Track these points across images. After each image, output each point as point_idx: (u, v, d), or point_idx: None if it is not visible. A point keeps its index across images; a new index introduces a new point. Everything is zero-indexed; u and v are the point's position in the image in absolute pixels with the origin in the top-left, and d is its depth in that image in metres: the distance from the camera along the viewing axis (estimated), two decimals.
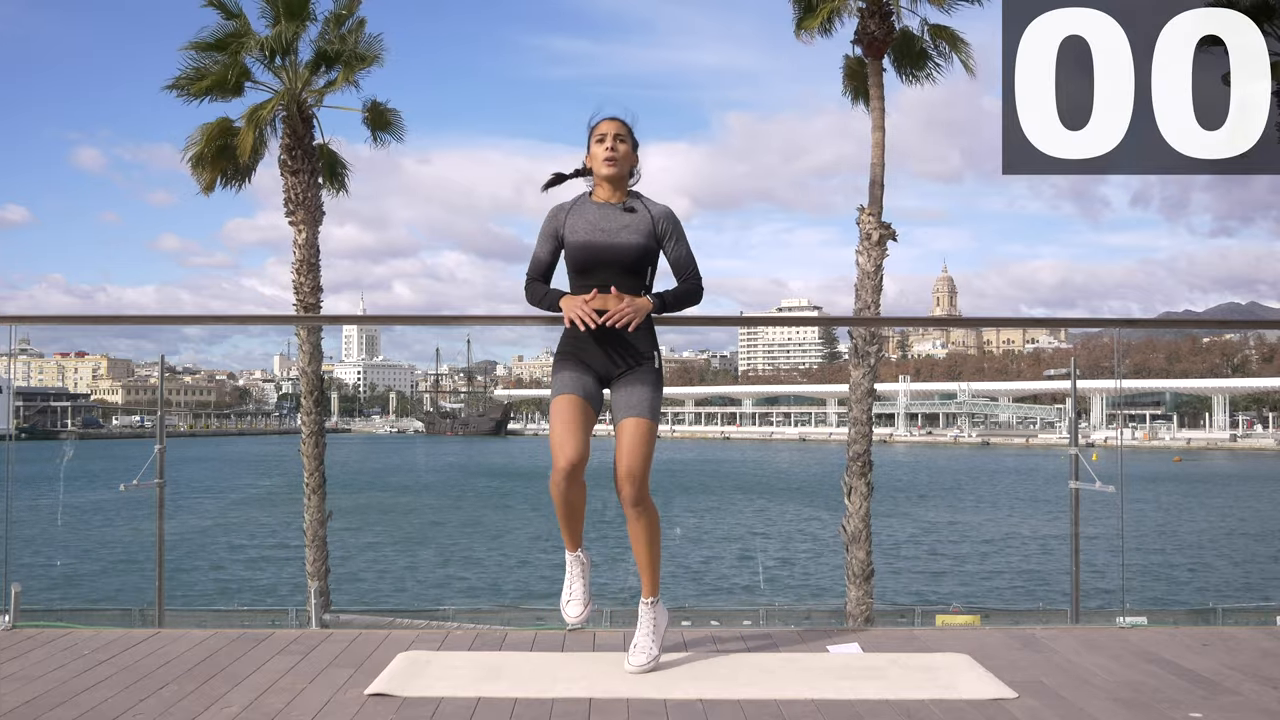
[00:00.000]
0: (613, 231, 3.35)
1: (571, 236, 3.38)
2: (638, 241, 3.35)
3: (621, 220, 3.38)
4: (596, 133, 3.45)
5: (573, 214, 3.42)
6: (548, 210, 3.49)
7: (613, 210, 3.40)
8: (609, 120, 3.47)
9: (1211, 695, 3.06)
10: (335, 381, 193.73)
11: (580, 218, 3.40)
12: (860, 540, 13.89)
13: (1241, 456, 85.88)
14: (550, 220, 3.46)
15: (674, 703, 2.96)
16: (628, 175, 3.49)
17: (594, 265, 3.33)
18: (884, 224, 14.58)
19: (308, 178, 15.80)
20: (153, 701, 2.98)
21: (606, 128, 3.44)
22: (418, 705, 2.95)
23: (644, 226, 3.38)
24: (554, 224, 3.44)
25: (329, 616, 14.29)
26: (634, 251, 3.34)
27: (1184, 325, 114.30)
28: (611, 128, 3.44)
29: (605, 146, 3.42)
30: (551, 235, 3.44)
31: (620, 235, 3.35)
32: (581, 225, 3.37)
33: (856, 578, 13.87)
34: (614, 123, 3.46)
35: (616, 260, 3.33)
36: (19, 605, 4.12)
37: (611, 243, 3.34)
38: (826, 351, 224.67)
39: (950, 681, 3.18)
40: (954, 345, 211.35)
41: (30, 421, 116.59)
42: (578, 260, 3.36)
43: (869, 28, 14.70)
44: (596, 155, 3.43)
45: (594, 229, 3.35)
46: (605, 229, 3.35)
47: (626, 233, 3.35)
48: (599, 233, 3.35)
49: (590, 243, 3.34)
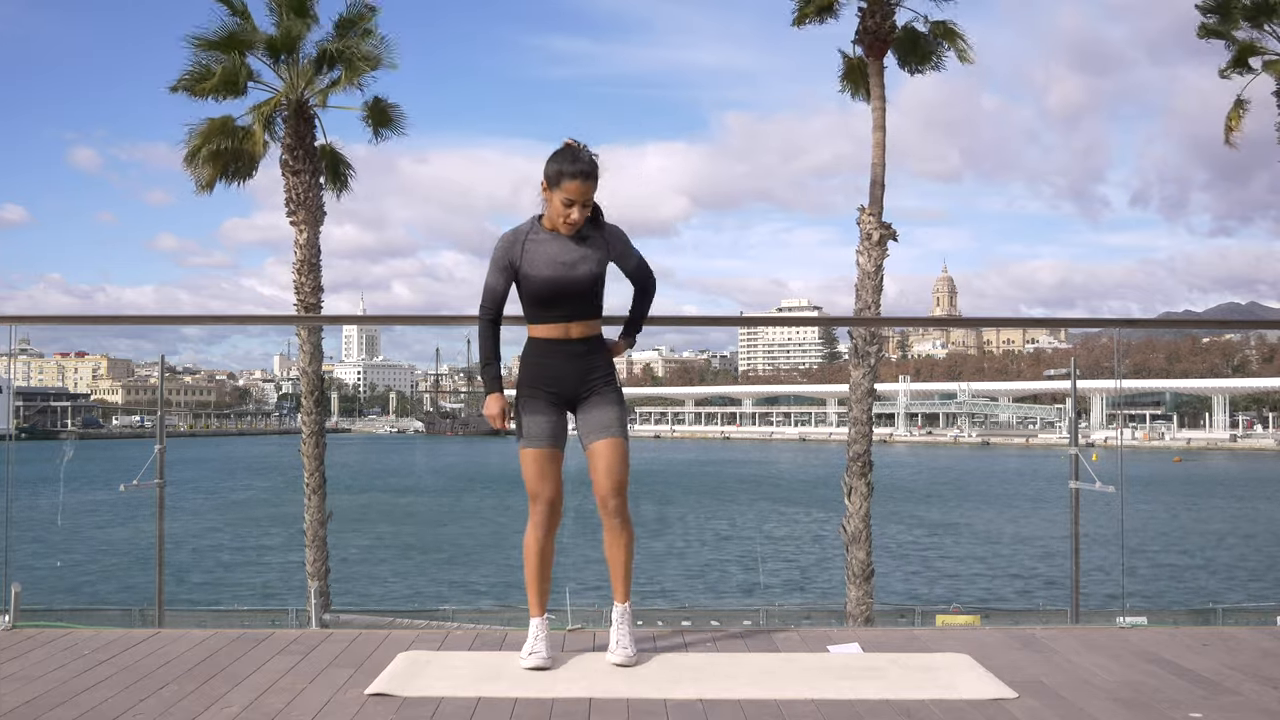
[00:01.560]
0: (572, 264, 3.38)
1: (531, 270, 3.38)
2: (596, 271, 3.42)
3: (579, 251, 3.40)
4: (564, 190, 3.31)
5: (530, 246, 3.40)
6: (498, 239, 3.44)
7: (569, 242, 3.40)
8: (580, 183, 3.31)
9: (1211, 695, 3.06)
10: (335, 381, 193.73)
11: (539, 251, 3.39)
12: (860, 540, 13.89)
13: (1242, 456, 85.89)
14: (505, 251, 3.42)
15: (674, 703, 2.96)
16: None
17: (556, 299, 3.39)
18: (884, 224, 14.57)
19: (309, 178, 15.80)
20: (153, 701, 2.98)
21: (575, 193, 3.31)
22: (418, 705, 2.95)
23: (599, 253, 3.43)
24: (509, 255, 3.41)
25: (329, 616, 14.29)
26: (591, 281, 3.41)
27: (1184, 325, 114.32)
28: (580, 194, 3.32)
29: (570, 215, 3.34)
30: (506, 266, 3.42)
31: (580, 267, 3.38)
32: (541, 260, 3.37)
33: (856, 578, 13.86)
34: (585, 187, 3.32)
35: (578, 292, 3.40)
36: (19, 605, 4.12)
37: (573, 275, 3.38)
38: (826, 351, 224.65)
39: (950, 681, 3.18)
40: (954, 345, 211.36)
41: (30, 421, 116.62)
42: (539, 294, 3.39)
43: (869, 26, 14.70)
44: (557, 210, 3.35)
45: (554, 263, 3.37)
46: (565, 262, 3.37)
47: (585, 263, 3.39)
48: (560, 266, 3.37)
49: (553, 278, 3.37)
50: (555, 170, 3.32)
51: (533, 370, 3.46)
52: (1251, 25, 16.68)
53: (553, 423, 3.45)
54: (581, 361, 3.45)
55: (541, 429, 3.43)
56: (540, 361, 3.45)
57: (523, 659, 3.37)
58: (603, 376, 3.48)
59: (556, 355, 3.44)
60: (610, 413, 3.46)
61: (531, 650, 3.37)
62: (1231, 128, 17.30)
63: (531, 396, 3.45)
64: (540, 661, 3.34)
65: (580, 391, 3.46)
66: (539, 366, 3.45)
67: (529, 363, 3.48)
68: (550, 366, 3.44)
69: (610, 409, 3.47)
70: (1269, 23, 16.59)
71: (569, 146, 3.36)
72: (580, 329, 3.44)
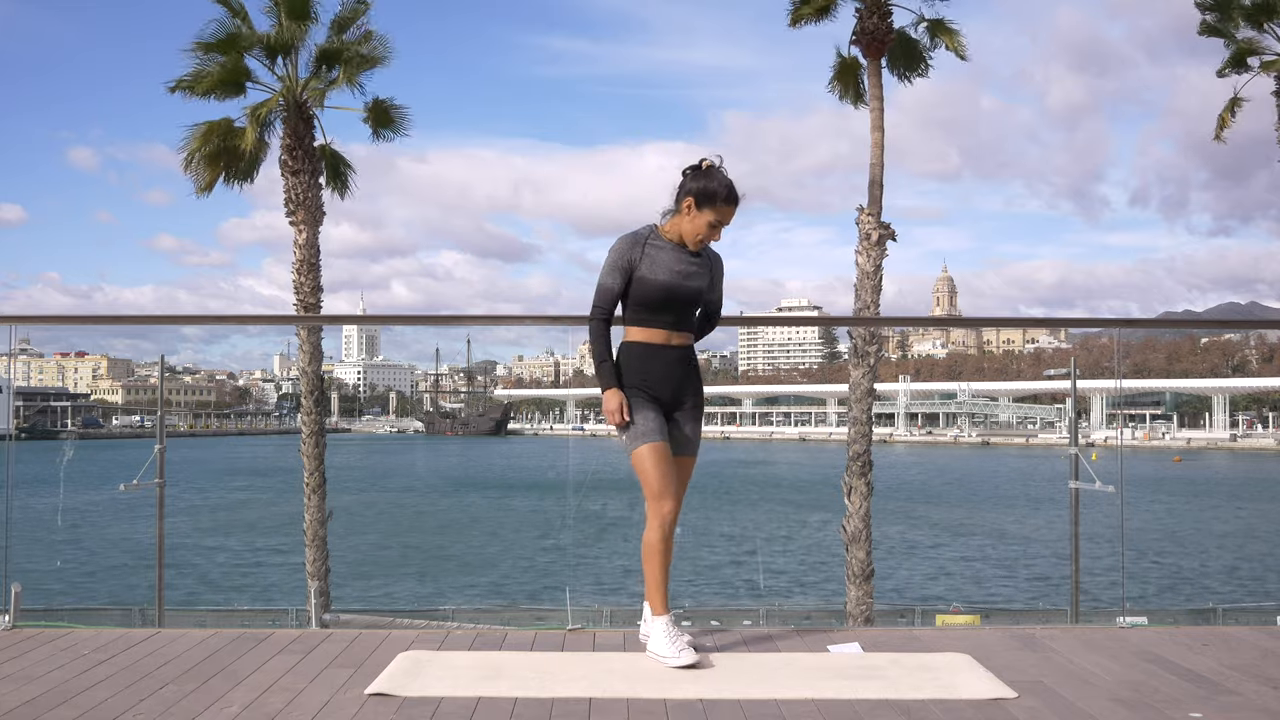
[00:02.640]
0: (686, 275, 3.51)
1: (651, 275, 3.48)
2: (702, 286, 3.55)
3: (694, 265, 3.53)
4: (716, 212, 3.46)
5: (649, 251, 3.50)
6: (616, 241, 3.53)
7: (685, 253, 3.52)
8: (732, 209, 3.49)
9: (1211, 695, 3.06)
10: (335, 381, 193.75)
11: (658, 257, 3.50)
12: (860, 540, 13.89)
13: (1241, 456, 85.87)
14: (624, 253, 3.50)
15: (674, 703, 2.96)
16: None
17: (668, 305, 3.50)
18: (883, 224, 14.57)
19: (308, 178, 15.79)
20: (153, 701, 2.98)
21: (726, 216, 3.48)
22: (418, 705, 2.95)
23: (706, 271, 3.57)
24: (628, 257, 3.49)
25: (329, 616, 14.28)
26: (699, 295, 3.56)
27: (1184, 325, 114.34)
28: (729, 219, 3.50)
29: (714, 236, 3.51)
30: (624, 268, 3.49)
31: (692, 279, 3.52)
32: (661, 267, 3.49)
33: (856, 578, 13.86)
34: (733, 212, 3.50)
35: (687, 301, 3.53)
36: (19, 605, 4.12)
37: (686, 286, 3.51)
38: (826, 351, 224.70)
39: (950, 681, 3.18)
40: (954, 345, 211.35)
41: (30, 421, 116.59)
42: (653, 299, 3.49)
43: (867, 27, 14.69)
44: (700, 228, 3.48)
45: (672, 272, 3.49)
46: (681, 272, 3.50)
47: (696, 277, 3.53)
48: (678, 276, 3.50)
49: (670, 285, 3.48)
50: (710, 192, 3.45)
51: (637, 372, 3.53)
52: (1251, 25, 16.67)
53: (662, 422, 3.51)
54: (678, 369, 3.55)
55: (654, 424, 3.48)
56: (641, 364, 3.52)
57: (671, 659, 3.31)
58: (694, 390, 3.61)
59: (656, 360, 3.52)
60: (697, 431, 3.61)
61: (680, 649, 3.33)
62: (1224, 125, 17.29)
63: (638, 396, 3.51)
64: (693, 658, 3.31)
65: (677, 400, 3.56)
66: (641, 369, 3.52)
67: (630, 365, 3.53)
68: (651, 370, 3.52)
69: (696, 427, 3.61)
70: (1269, 22, 16.59)
71: (714, 168, 3.48)
72: (680, 338, 3.56)
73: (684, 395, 3.56)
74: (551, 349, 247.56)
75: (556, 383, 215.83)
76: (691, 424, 3.59)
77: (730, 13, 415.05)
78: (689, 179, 3.48)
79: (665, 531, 3.43)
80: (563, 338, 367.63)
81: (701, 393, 3.63)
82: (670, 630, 3.40)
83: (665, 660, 3.33)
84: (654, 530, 3.43)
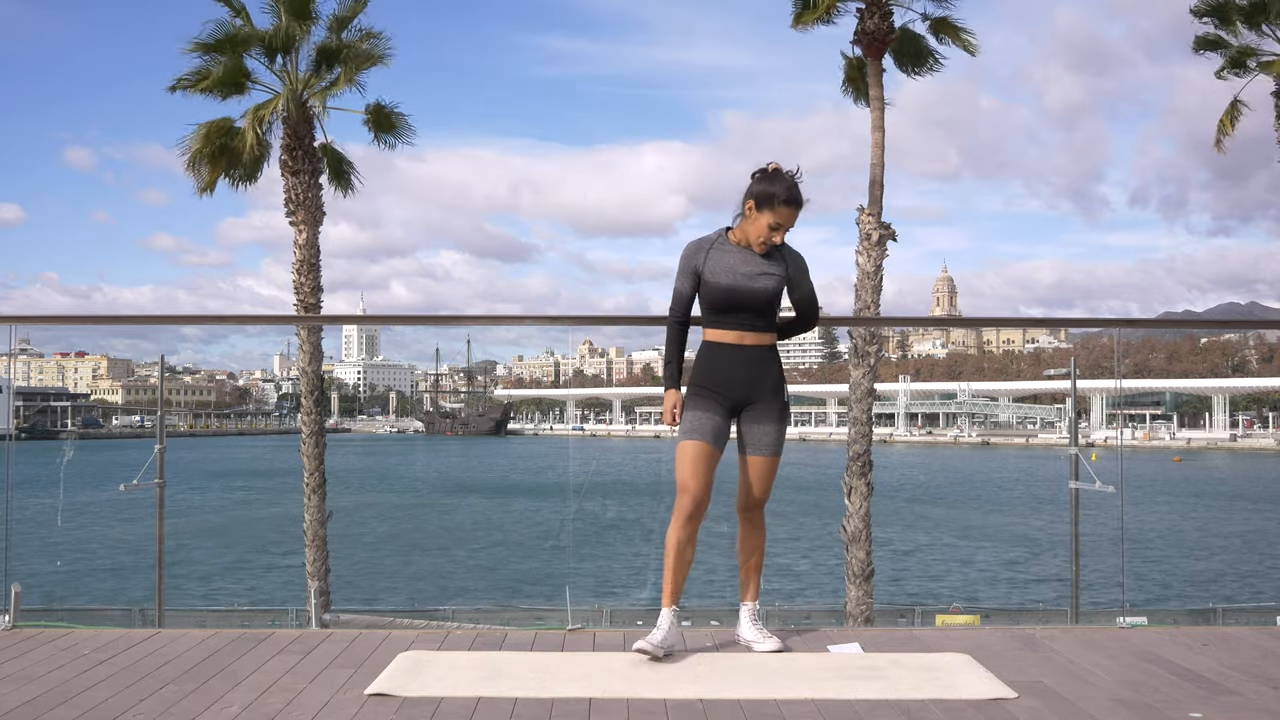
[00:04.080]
0: (751, 276, 3.54)
1: (712, 278, 3.54)
2: (773, 287, 3.56)
3: (760, 265, 3.55)
4: (776, 214, 3.50)
5: (713, 254, 3.57)
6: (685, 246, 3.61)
7: (751, 255, 3.56)
8: (792, 210, 3.51)
9: (1211, 695, 3.06)
10: (335, 381, 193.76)
11: (721, 260, 3.55)
12: (860, 540, 13.88)
13: (1241, 456, 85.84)
14: (690, 258, 3.59)
15: (674, 703, 2.96)
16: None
17: (733, 307, 3.54)
18: (884, 224, 14.57)
19: (309, 178, 15.79)
20: (153, 701, 2.98)
21: (786, 218, 3.51)
22: (418, 705, 2.95)
23: (779, 271, 3.59)
24: (694, 262, 3.59)
25: (329, 616, 14.28)
26: (769, 296, 3.56)
27: (1184, 325, 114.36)
28: (790, 220, 3.52)
29: (775, 236, 3.52)
30: (692, 272, 3.59)
31: (759, 281, 3.54)
32: (723, 268, 3.54)
33: (856, 578, 13.86)
34: (795, 214, 3.53)
35: (753, 303, 3.55)
36: (19, 605, 4.12)
37: (751, 287, 3.53)
38: (826, 351, 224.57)
39: (950, 681, 3.18)
40: (954, 345, 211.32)
41: (30, 421, 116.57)
42: (717, 301, 3.54)
43: (868, 27, 14.69)
44: (760, 230, 3.52)
45: (735, 274, 3.53)
46: (745, 273, 3.54)
47: (764, 278, 3.55)
48: (740, 277, 3.53)
49: (733, 287, 3.52)
50: (769, 194, 3.49)
51: (704, 370, 3.60)
52: (1248, 26, 16.65)
53: (716, 422, 3.56)
54: (751, 368, 3.58)
55: (703, 424, 3.54)
56: (712, 364, 3.58)
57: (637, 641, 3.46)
58: (771, 387, 3.62)
59: (728, 359, 3.57)
60: (772, 431, 3.62)
61: (648, 637, 3.46)
62: (1224, 132, 17.26)
63: (699, 394, 3.58)
64: (649, 648, 3.41)
65: (749, 398, 3.59)
66: (710, 368, 3.59)
67: (701, 364, 3.61)
68: (721, 369, 3.57)
69: (776, 426, 3.62)
70: (1266, 23, 16.57)
71: (778, 170, 3.53)
72: (754, 338, 3.58)
73: (758, 394, 3.59)
74: (551, 349, 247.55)
75: (556, 383, 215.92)
76: (766, 423, 3.60)
77: (730, 13, 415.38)
78: (754, 182, 3.54)
79: (682, 526, 3.52)
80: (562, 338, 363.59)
81: (782, 393, 3.64)
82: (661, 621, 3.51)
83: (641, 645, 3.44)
84: (672, 523, 3.56)
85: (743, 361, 3.57)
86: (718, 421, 3.55)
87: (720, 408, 3.56)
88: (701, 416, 3.54)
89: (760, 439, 3.61)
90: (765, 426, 3.61)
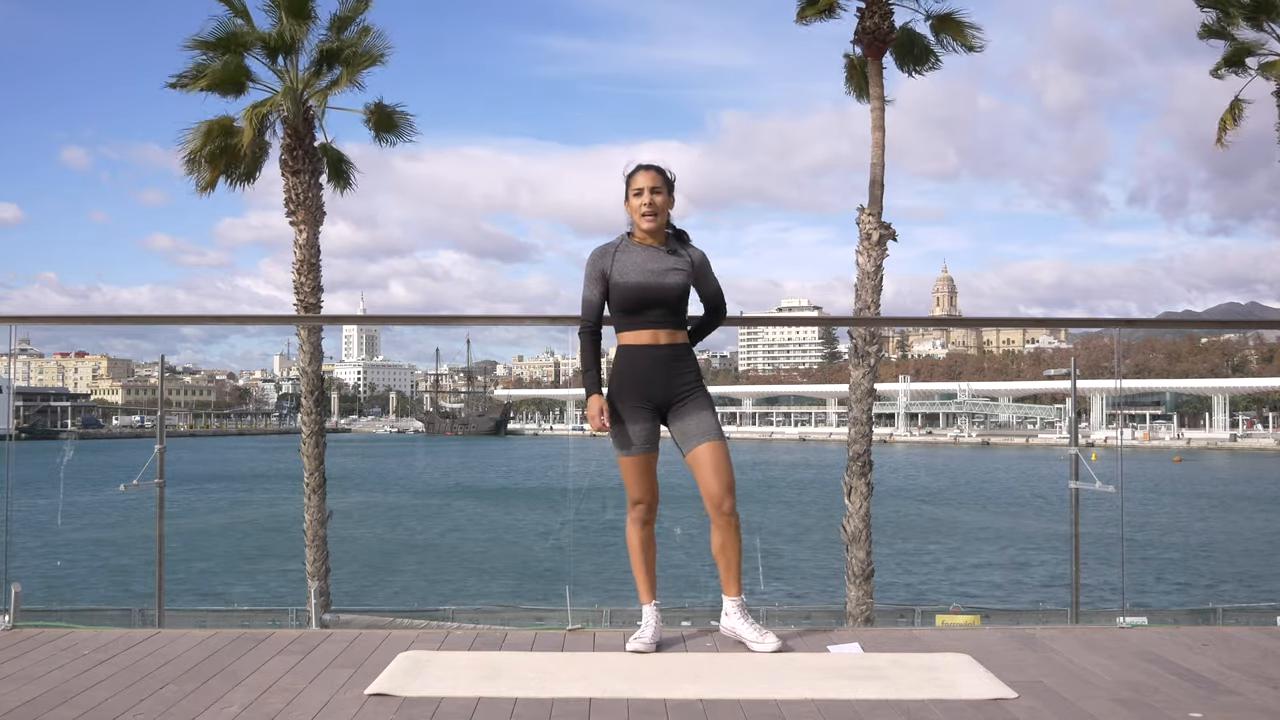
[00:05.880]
0: (660, 272, 3.57)
1: (621, 278, 3.55)
2: (682, 281, 3.60)
3: (667, 262, 3.59)
4: (633, 184, 3.59)
5: (620, 256, 3.59)
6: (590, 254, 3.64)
7: (657, 252, 3.60)
8: (644, 171, 3.59)
9: (1211, 695, 3.06)
10: (335, 381, 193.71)
11: (628, 260, 3.58)
12: (860, 540, 13.88)
13: (1241, 456, 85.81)
14: (596, 263, 3.62)
15: (674, 703, 2.96)
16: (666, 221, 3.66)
17: (644, 305, 3.55)
18: (884, 224, 14.56)
19: (309, 178, 15.77)
20: (153, 701, 2.98)
21: (643, 180, 3.58)
22: (418, 705, 2.95)
23: (686, 267, 3.61)
24: (600, 266, 3.61)
25: (329, 616, 14.28)
26: (680, 291, 3.60)
27: (1184, 325, 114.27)
28: (647, 180, 3.57)
29: (643, 201, 3.57)
30: (599, 278, 3.61)
31: (668, 276, 3.57)
32: (631, 267, 3.56)
33: (856, 578, 13.85)
34: (649, 174, 3.59)
35: (664, 299, 3.57)
36: (19, 605, 4.12)
37: (661, 283, 3.56)
38: (826, 351, 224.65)
39: (950, 681, 3.18)
40: (954, 345, 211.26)
41: (30, 421, 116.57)
42: (629, 300, 3.55)
43: (868, 26, 14.69)
44: (635, 207, 3.59)
45: (644, 271, 3.56)
46: (654, 270, 3.56)
47: (673, 274, 3.58)
48: (649, 274, 3.56)
49: (642, 284, 3.54)
50: (626, 178, 3.61)
51: (623, 377, 3.61)
52: (1250, 24, 16.64)
53: (644, 430, 3.61)
54: (669, 367, 3.60)
55: (637, 436, 3.59)
56: (630, 368, 3.60)
57: (629, 642, 3.54)
58: (692, 383, 3.65)
59: (644, 360, 3.59)
60: (706, 418, 3.63)
61: (637, 636, 3.56)
62: (1225, 130, 17.26)
63: (624, 404, 3.60)
64: (642, 646, 3.51)
65: (671, 397, 3.61)
66: (629, 372, 3.60)
67: (619, 370, 3.62)
68: (639, 372, 3.58)
69: (705, 414, 3.63)
70: (1269, 21, 16.56)
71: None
72: (668, 336, 3.61)
73: (679, 392, 3.61)
74: (551, 349, 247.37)
75: (556, 383, 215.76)
76: (696, 414, 3.62)
77: (730, 12, 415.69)
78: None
79: (638, 529, 3.67)
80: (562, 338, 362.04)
81: (700, 384, 3.65)
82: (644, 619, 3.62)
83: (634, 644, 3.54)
84: (630, 528, 3.70)
85: (660, 362, 3.58)
86: (646, 428, 3.61)
87: (644, 412, 3.60)
88: (630, 429, 3.59)
89: (696, 428, 3.60)
90: (697, 415, 3.61)
